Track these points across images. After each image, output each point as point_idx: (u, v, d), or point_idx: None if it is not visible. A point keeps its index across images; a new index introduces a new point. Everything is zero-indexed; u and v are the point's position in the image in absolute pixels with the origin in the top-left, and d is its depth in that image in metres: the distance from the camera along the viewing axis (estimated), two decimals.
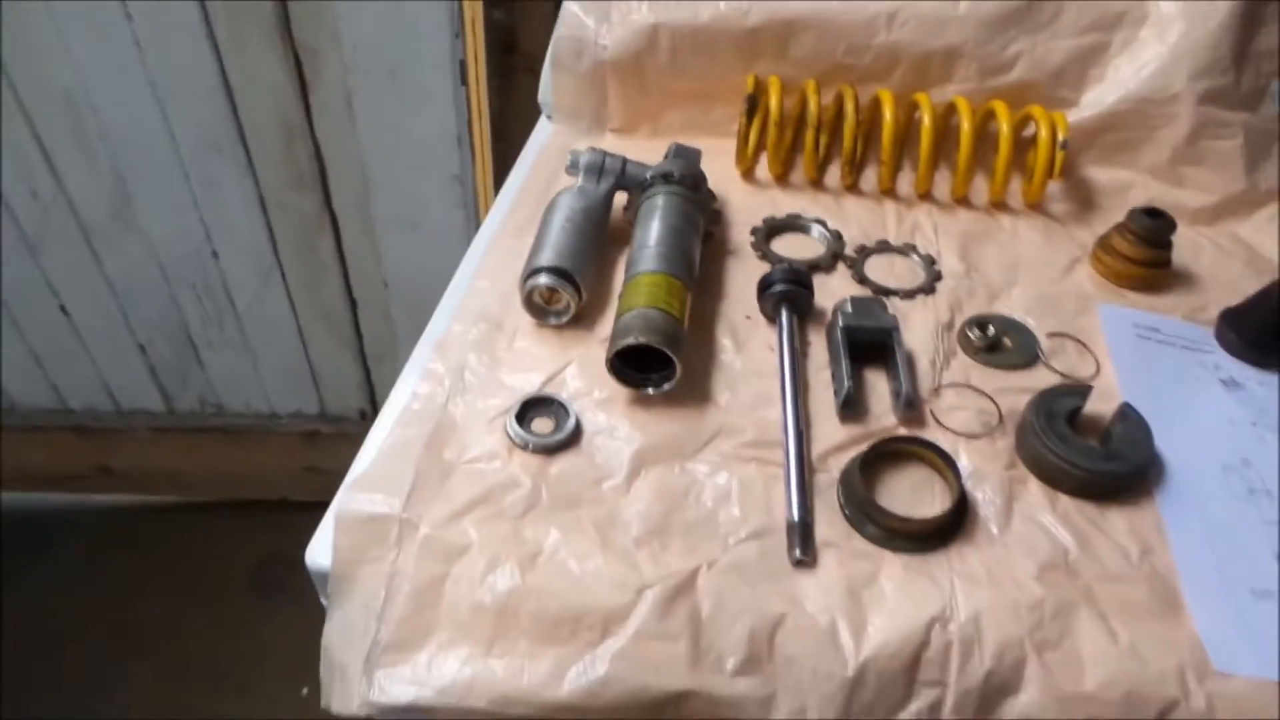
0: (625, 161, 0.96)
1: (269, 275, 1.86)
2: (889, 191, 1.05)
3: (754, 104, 1.01)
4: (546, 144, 1.13)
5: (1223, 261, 0.98)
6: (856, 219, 1.01)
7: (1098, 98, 1.03)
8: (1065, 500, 0.72)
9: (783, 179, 1.07)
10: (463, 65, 1.47)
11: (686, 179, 0.91)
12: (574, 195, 0.92)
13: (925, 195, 1.05)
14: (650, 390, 0.78)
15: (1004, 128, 0.98)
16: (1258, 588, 0.67)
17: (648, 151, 1.09)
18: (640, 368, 0.78)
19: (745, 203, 1.03)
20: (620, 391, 0.79)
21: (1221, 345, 0.87)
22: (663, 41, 1.07)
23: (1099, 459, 0.72)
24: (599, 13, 1.10)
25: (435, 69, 1.48)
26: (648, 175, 0.94)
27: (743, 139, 1.03)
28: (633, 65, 1.09)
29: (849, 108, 1.01)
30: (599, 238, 0.91)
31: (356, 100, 1.55)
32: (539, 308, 0.86)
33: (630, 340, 0.75)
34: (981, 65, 1.04)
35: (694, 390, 0.80)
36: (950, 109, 1.02)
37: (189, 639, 2.11)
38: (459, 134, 1.55)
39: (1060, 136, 0.97)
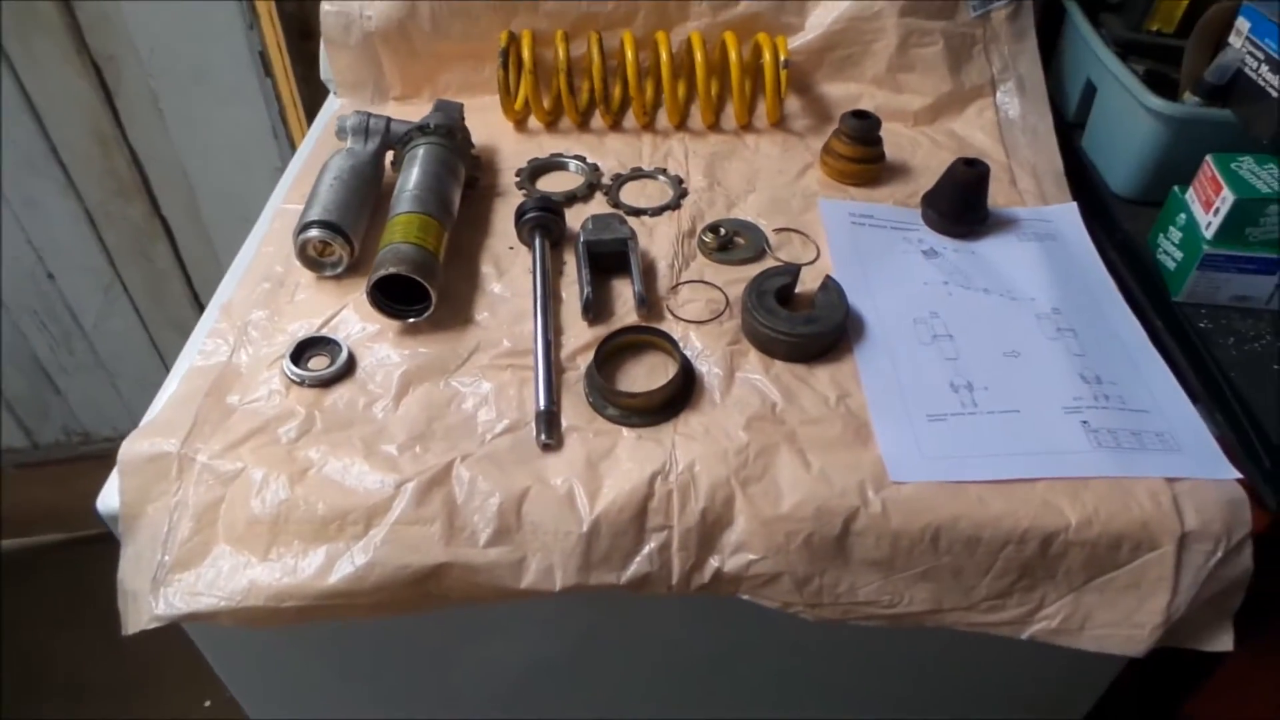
0: (390, 121, 1.03)
1: (110, 290, 1.86)
2: (648, 126, 1.15)
3: (505, 58, 1.09)
4: (331, 119, 1.19)
5: (935, 154, 1.11)
6: (616, 153, 1.11)
7: (818, 20, 1.15)
8: (779, 365, 0.83)
9: (551, 126, 1.16)
10: (264, 57, 1.51)
11: (442, 129, 0.99)
12: (343, 156, 0.99)
13: (680, 126, 1.15)
14: (411, 319, 0.86)
15: (733, 55, 1.09)
16: (932, 412, 0.79)
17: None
18: (403, 300, 0.86)
19: (516, 150, 1.12)
20: (390, 324, 0.87)
21: (925, 223, 1.00)
22: (422, 9, 1.14)
23: (800, 324, 0.83)
24: None
25: (236, 64, 1.51)
26: (413, 127, 1.01)
27: (503, 91, 1.11)
28: (399, 34, 1.15)
29: (594, 54, 1.10)
30: (369, 193, 0.98)
31: (164, 103, 1.57)
32: (314, 260, 0.93)
33: (382, 272, 0.83)
34: (712, 3, 1.14)
35: (457, 315, 0.89)
36: (688, 46, 1.13)
37: (88, 669, 2.10)
38: (273, 126, 1.59)
39: (782, 57, 1.09)
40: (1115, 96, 1.06)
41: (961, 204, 0.97)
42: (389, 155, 1.03)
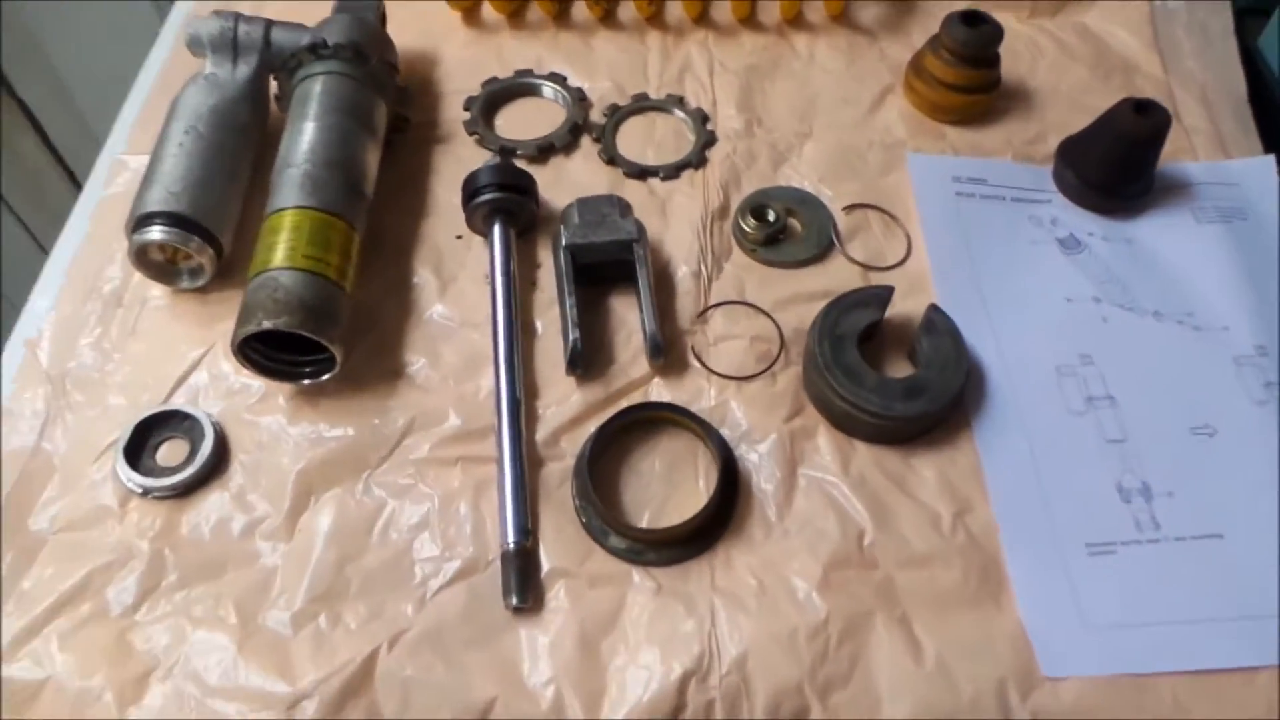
0: (269, 27, 0.68)
1: None
2: (654, 19, 0.80)
3: None
4: (194, 7, 0.82)
5: (1066, 67, 0.77)
6: (609, 65, 0.76)
7: None
8: (863, 451, 0.56)
9: (516, 17, 0.80)
10: None
11: (346, 48, 0.65)
12: (200, 89, 0.65)
13: (701, 20, 0.80)
14: (306, 381, 0.57)
15: None
16: (1095, 541, 0.53)
17: None
18: (293, 347, 0.56)
19: (464, 58, 0.77)
20: (280, 385, 0.58)
21: (1060, 189, 0.69)
22: None
23: (897, 396, 0.55)
24: None
25: None
26: (302, 44, 0.66)
27: None
28: None
29: None
30: (242, 148, 0.65)
31: None
32: (161, 268, 0.62)
33: (252, 327, 0.53)
34: None
35: (380, 361, 0.59)
36: None
37: None
38: None
39: None
40: None
41: (1122, 169, 0.66)
42: (272, 80, 0.69)
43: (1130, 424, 0.57)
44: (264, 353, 0.56)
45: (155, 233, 0.59)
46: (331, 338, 0.54)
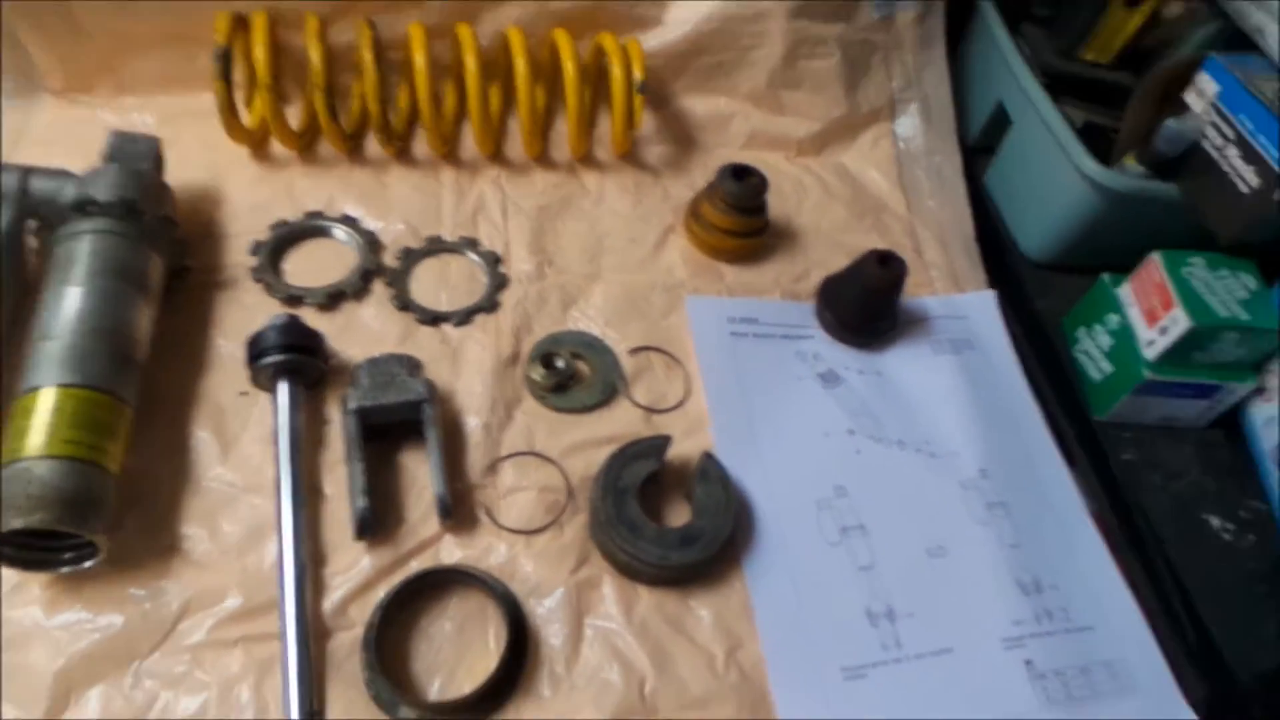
0: (28, 174, 0.65)
1: None
2: (448, 157, 0.82)
3: (227, 60, 0.72)
4: None
5: (828, 206, 0.86)
6: (402, 204, 0.78)
7: (684, 15, 0.84)
8: (645, 597, 0.60)
9: (307, 151, 0.81)
10: None
11: (116, 206, 0.63)
12: None
13: (494, 156, 0.83)
14: (63, 570, 0.54)
15: (568, 66, 0.77)
16: (849, 664, 0.59)
17: (119, 117, 0.79)
18: (51, 533, 0.53)
19: (252, 196, 0.76)
20: (35, 575, 0.55)
21: (821, 325, 0.77)
22: None
23: (674, 545, 0.59)
24: None
25: None
26: (67, 198, 0.64)
27: (225, 109, 0.74)
28: (48, 4, 0.74)
29: (365, 57, 0.75)
30: None
31: None
32: None
33: (3, 528, 0.50)
34: None
35: (153, 536, 0.57)
36: (504, 44, 0.79)
37: None
38: None
39: (636, 77, 0.78)
40: (1038, 143, 0.85)
41: (870, 312, 0.75)
42: (30, 225, 0.65)
43: (878, 550, 0.64)
44: (18, 544, 0.53)
45: None
46: (94, 528, 0.52)
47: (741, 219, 0.77)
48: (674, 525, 0.61)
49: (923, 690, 0.59)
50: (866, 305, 0.74)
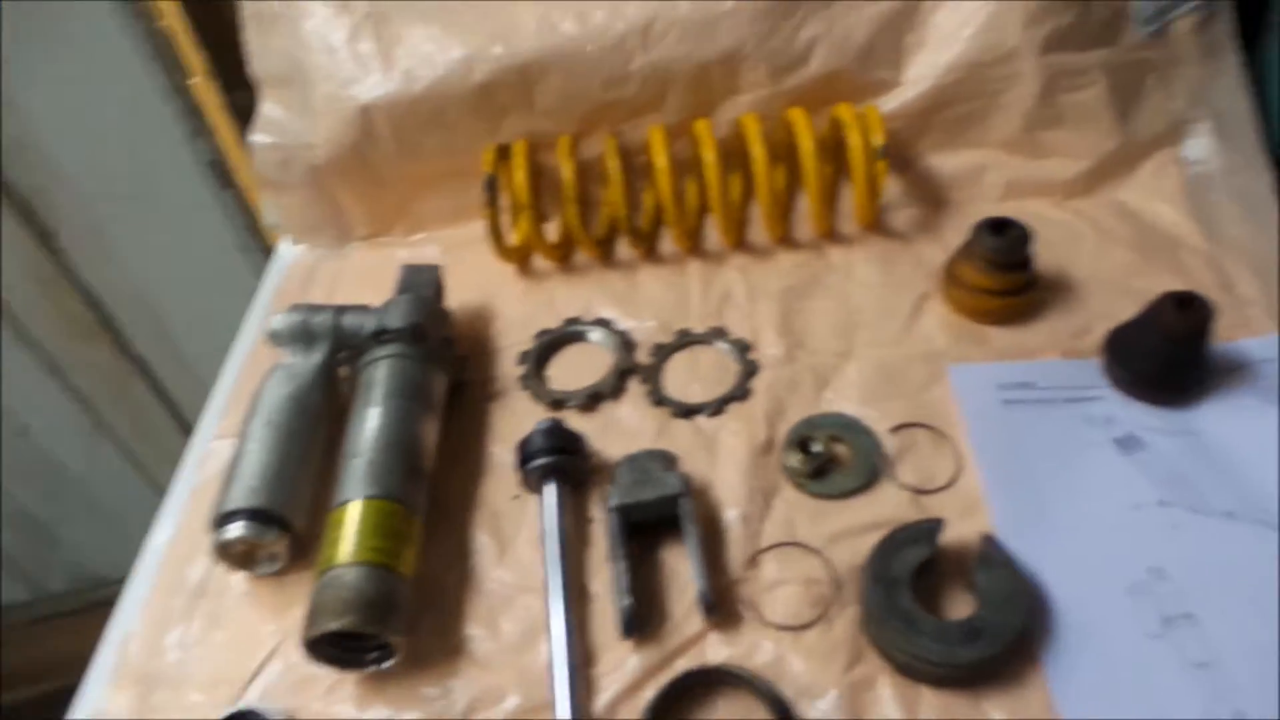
0: (339, 313, 0.75)
1: (94, 435, 1.65)
2: (694, 250, 0.84)
3: (493, 186, 0.80)
4: (283, 282, 0.92)
5: (1107, 250, 0.77)
6: (653, 302, 0.81)
7: (922, 71, 0.81)
8: (929, 699, 0.54)
9: (565, 262, 0.87)
10: (217, 168, 1.24)
11: (406, 331, 0.71)
12: (279, 380, 0.72)
13: (738, 245, 0.84)
14: (370, 669, 0.59)
15: (804, 143, 0.77)
16: None
17: (411, 251, 0.90)
18: (361, 635, 0.59)
19: (519, 309, 0.83)
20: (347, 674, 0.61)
21: (1113, 383, 0.68)
22: (380, 124, 0.85)
23: (957, 640, 0.53)
24: (296, 104, 0.88)
25: (184, 179, 1.25)
26: (368, 329, 0.73)
27: (493, 231, 0.82)
28: (355, 160, 0.87)
29: (611, 165, 0.80)
30: (315, 432, 0.71)
31: (109, 231, 1.33)
32: (243, 558, 0.67)
33: (321, 629, 0.56)
34: (771, 64, 0.81)
35: (442, 637, 0.61)
36: (741, 131, 0.81)
37: None
38: (240, 242, 1.33)
39: (875, 143, 0.76)
40: None
41: (1173, 364, 0.65)
42: (342, 356, 0.76)
43: (1216, 644, 0.54)
44: (335, 644, 0.59)
45: (237, 529, 0.64)
46: (393, 629, 0.57)
47: (1004, 276, 0.71)
48: (955, 618, 0.56)
49: None
50: (1168, 356, 0.64)
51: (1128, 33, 0.79)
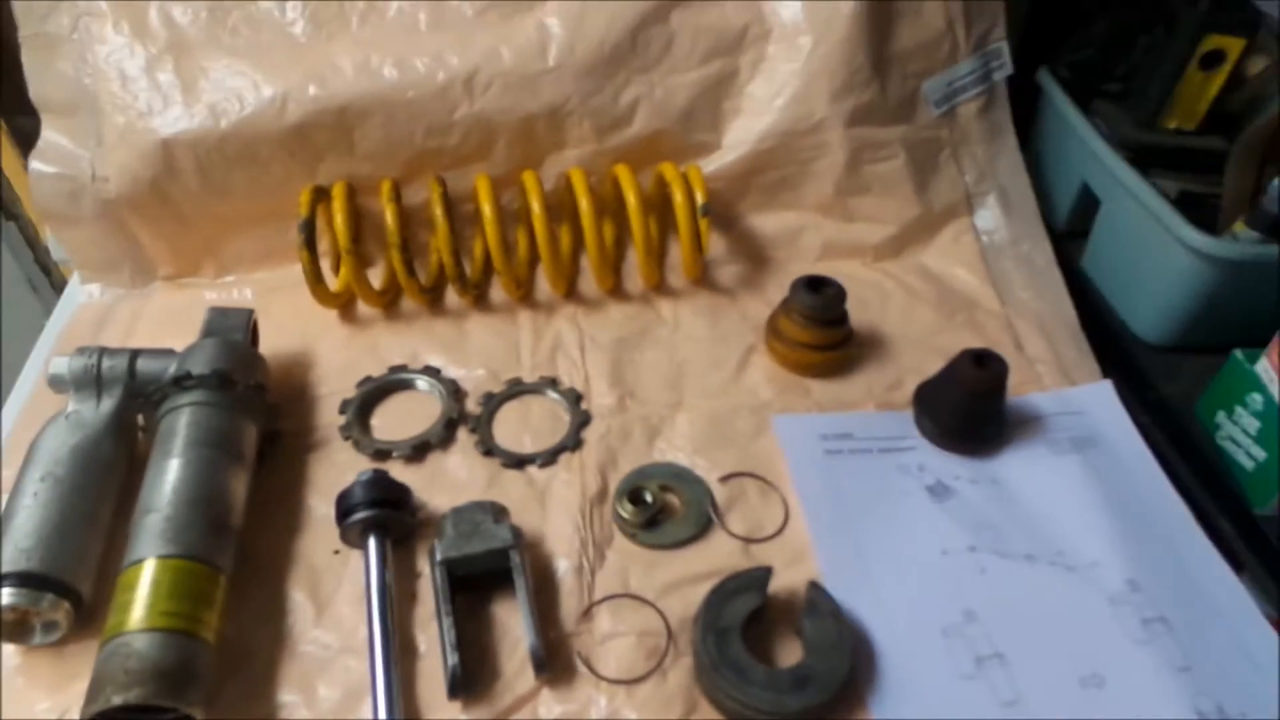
0: (135, 357, 0.68)
1: None
2: (525, 299, 0.84)
3: (311, 230, 0.76)
4: (72, 322, 0.83)
5: (914, 309, 0.83)
6: (483, 350, 0.79)
7: (740, 136, 0.85)
8: None
9: (391, 308, 0.83)
10: None
11: (212, 378, 0.65)
12: (63, 429, 0.65)
13: (569, 294, 0.84)
14: None
15: (630, 199, 0.78)
16: None
17: (221, 294, 0.84)
18: (153, 706, 0.53)
19: (341, 356, 0.79)
20: None
21: (922, 434, 0.72)
22: (183, 160, 0.79)
23: (787, 688, 0.54)
24: (84, 134, 0.81)
25: None
26: (168, 375, 0.67)
27: (310, 276, 0.77)
28: (154, 197, 0.80)
29: (437, 212, 0.78)
30: (104, 487, 0.63)
31: None
32: (14, 627, 0.58)
33: (102, 704, 0.50)
34: (596, 122, 0.83)
35: (250, 707, 0.56)
36: (568, 185, 0.81)
37: None
38: (28, 277, 1.20)
39: (699, 200, 0.79)
40: (1133, 220, 0.81)
41: (974, 417, 0.70)
42: (138, 412, 0.68)
43: (1021, 682, 0.57)
44: (119, 719, 0.53)
45: (4, 595, 0.56)
46: (190, 701, 0.51)
47: (823, 331, 0.75)
48: (785, 665, 0.56)
49: None
50: (969, 409, 0.69)
51: (923, 111, 0.86)
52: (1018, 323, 0.82)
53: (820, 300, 0.74)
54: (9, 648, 0.59)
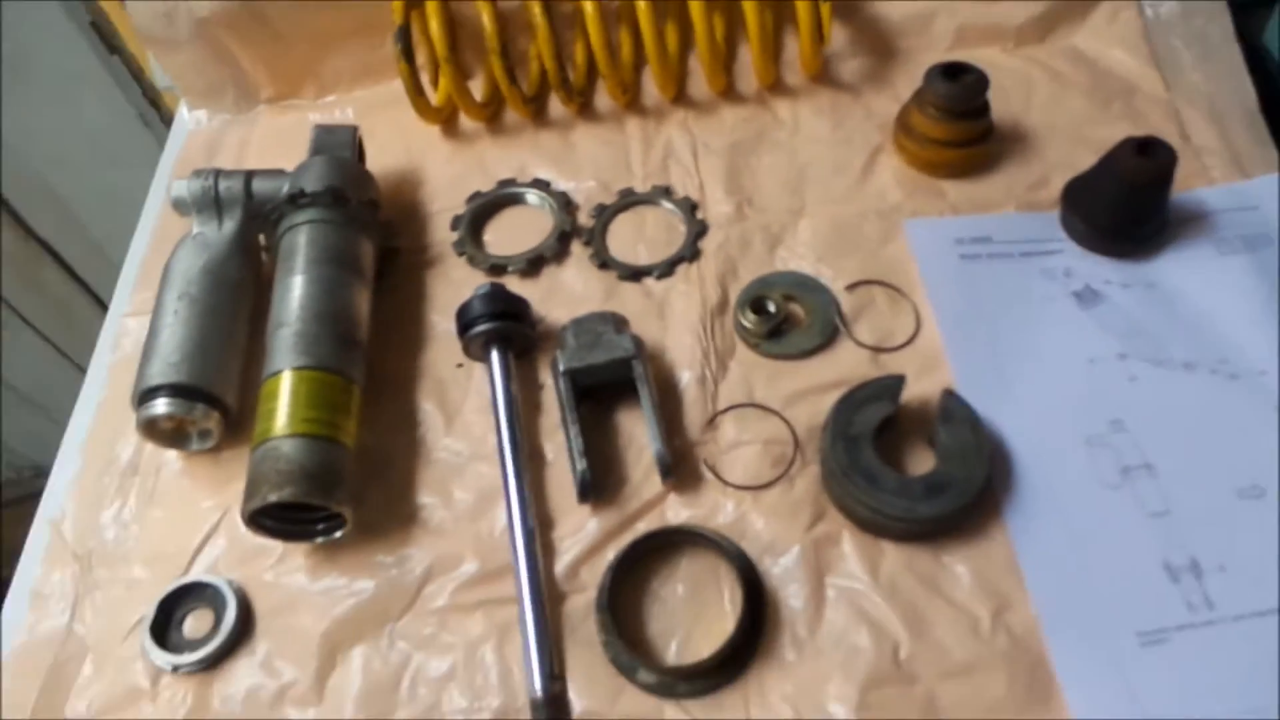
0: (249, 178, 0.68)
1: (8, 326, 1.54)
2: (632, 105, 0.79)
3: (407, 39, 0.72)
4: (185, 149, 0.84)
5: (1062, 98, 0.75)
6: (591, 162, 0.76)
7: None
8: (891, 554, 0.54)
9: (494, 122, 0.80)
10: (99, 30, 1.11)
11: (325, 195, 0.65)
12: (190, 251, 0.66)
13: (678, 98, 0.79)
14: (318, 540, 0.57)
15: None
16: (1145, 629, 0.50)
17: (324, 115, 0.84)
18: (306, 506, 0.56)
19: (447, 173, 0.77)
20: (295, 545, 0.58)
21: (1070, 236, 0.66)
22: None
23: (919, 496, 0.53)
24: None
25: (66, 46, 1.11)
26: (283, 194, 0.67)
27: (411, 89, 0.74)
28: (247, 16, 0.78)
29: (535, 10, 0.72)
30: (237, 305, 0.65)
31: None
32: (172, 435, 0.62)
33: (259, 501, 0.53)
34: None
35: (394, 506, 0.59)
36: None
37: None
38: (139, 112, 1.21)
39: None
40: None
41: (1132, 213, 0.63)
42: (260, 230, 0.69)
43: (1172, 493, 0.54)
44: (277, 518, 0.56)
45: (160, 406, 0.59)
46: (338, 500, 0.54)
47: (960, 126, 0.68)
48: (917, 474, 0.55)
49: (1246, 659, 0.49)
50: (1127, 206, 0.63)
51: None
52: (1185, 109, 0.73)
53: (958, 89, 0.67)
54: (171, 454, 0.64)
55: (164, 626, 0.56)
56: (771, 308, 0.63)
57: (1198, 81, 0.74)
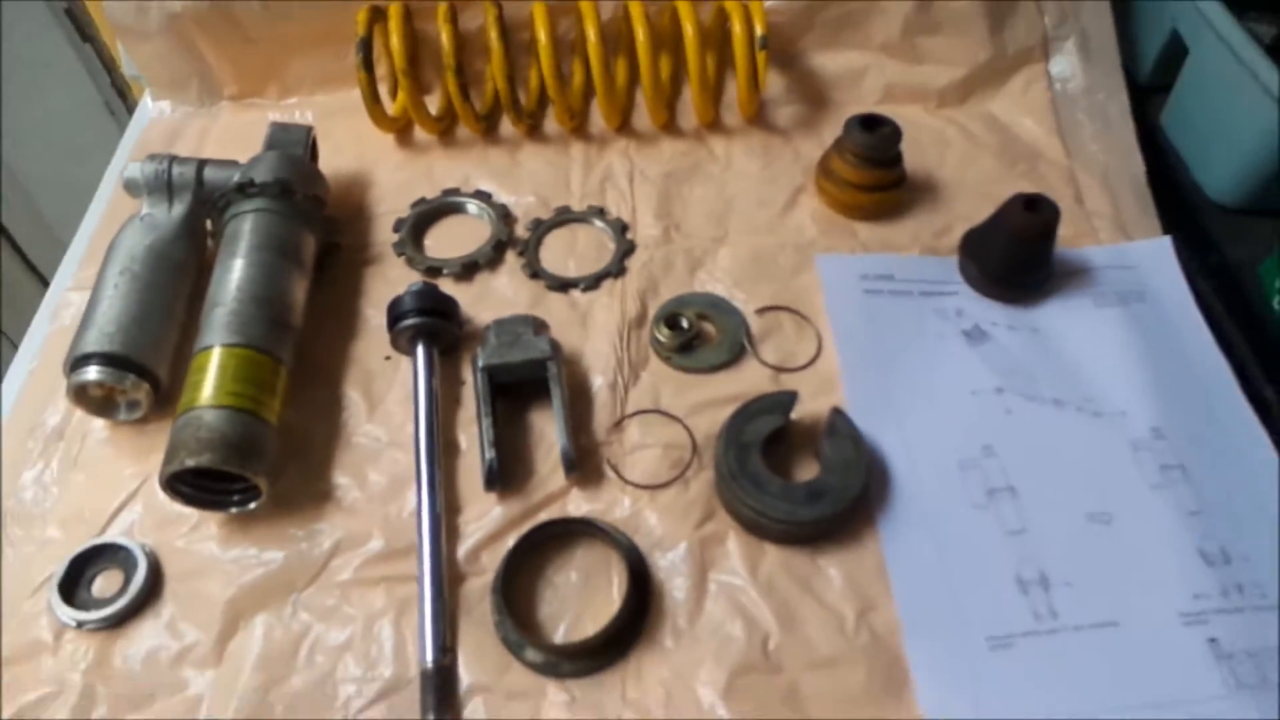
0: (202, 167, 0.72)
1: None
2: (577, 130, 0.84)
3: (368, 50, 0.77)
4: (144, 136, 0.87)
5: (973, 157, 0.81)
6: (533, 179, 0.80)
7: None
8: (772, 554, 0.58)
9: (446, 135, 0.85)
10: (73, 16, 1.14)
11: (273, 186, 0.68)
12: (137, 230, 0.69)
13: (622, 128, 0.84)
14: (232, 510, 0.59)
15: (688, 30, 0.77)
16: (995, 634, 0.55)
17: (284, 116, 0.87)
18: (224, 477, 0.59)
19: (396, 178, 0.81)
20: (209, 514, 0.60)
21: (965, 280, 0.72)
22: None
23: (800, 501, 0.57)
24: None
25: (39, 31, 1.14)
26: (231, 184, 0.70)
27: (369, 99, 0.79)
28: (218, 16, 0.82)
29: (492, 35, 0.77)
30: (178, 285, 0.68)
31: None
32: (101, 404, 0.65)
33: (176, 465, 0.56)
34: None
35: (309, 484, 0.62)
36: (625, 14, 0.80)
37: None
38: (106, 101, 1.24)
39: (758, 32, 0.77)
40: (1221, 70, 0.76)
41: (1020, 263, 0.69)
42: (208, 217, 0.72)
43: (1030, 514, 0.59)
44: (194, 485, 0.59)
45: (91, 372, 0.62)
46: (255, 471, 0.57)
47: (874, 172, 0.74)
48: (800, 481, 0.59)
49: (1082, 665, 0.54)
50: (1015, 255, 0.68)
51: None
52: (1081, 176, 0.79)
53: (875, 139, 0.73)
54: (98, 422, 0.66)
55: (73, 585, 0.58)
56: (685, 324, 0.67)
57: (1095, 151, 0.81)
